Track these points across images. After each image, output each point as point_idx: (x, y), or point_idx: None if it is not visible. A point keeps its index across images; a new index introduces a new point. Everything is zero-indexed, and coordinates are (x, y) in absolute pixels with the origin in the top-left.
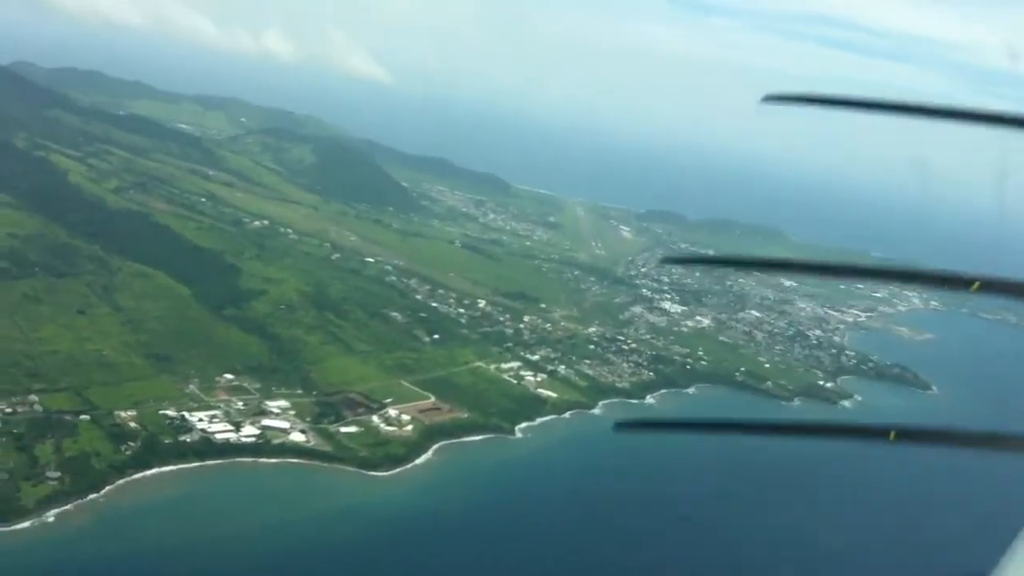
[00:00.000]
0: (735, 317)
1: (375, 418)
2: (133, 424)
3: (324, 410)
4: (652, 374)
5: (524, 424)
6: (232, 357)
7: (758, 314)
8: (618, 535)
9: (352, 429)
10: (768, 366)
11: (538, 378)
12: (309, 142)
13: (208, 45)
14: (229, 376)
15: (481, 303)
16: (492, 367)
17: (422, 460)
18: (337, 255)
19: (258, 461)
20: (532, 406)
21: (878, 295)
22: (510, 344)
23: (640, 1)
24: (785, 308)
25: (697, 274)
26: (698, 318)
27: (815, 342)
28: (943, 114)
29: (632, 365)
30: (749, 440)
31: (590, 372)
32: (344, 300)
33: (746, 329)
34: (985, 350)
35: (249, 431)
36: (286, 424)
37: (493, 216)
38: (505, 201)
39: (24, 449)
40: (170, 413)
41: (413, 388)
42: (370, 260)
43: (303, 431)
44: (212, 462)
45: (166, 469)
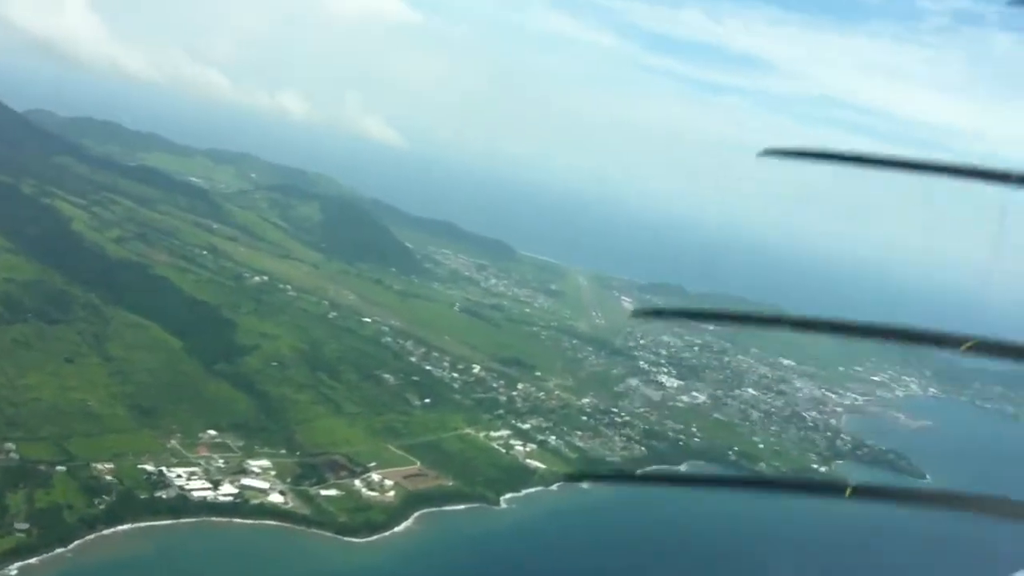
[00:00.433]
0: (731, 394)
1: (357, 482)
2: (110, 477)
3: (306, 471)
4: (644, 449)
5: (510, 495)
6: (218, 413)
7: (755, 392)
8: None
9: (333, 492)
10: (762, 446)
11: (528, 448)
12: (317, 200)
13: (223, 101)
14: (213, 432)
15: (476, 368)
16: (482, 434)
17: (402, 528)
18: (334, 313)
19: (233, 521)
20: (519, 476)
21: (876, 379)
22: (502, 412)
23: (651, 78)
24: (783, 387)
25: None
26: (694, 393)
27: (811, 424)
28: (941, 170)
29: (624, 439)
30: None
31: (581, 444)
32: (337, 359)
33: (742, 407)
34: (982, 440)
35: (227, 490)
36: (266, 484)
37: (495, 281)
38: (508, 266)
39: None
40: (148, 468)
41: (399, 453)
42: (367, 320)
43: (282, 492)
44: (186, 520)
45: (138, 525)
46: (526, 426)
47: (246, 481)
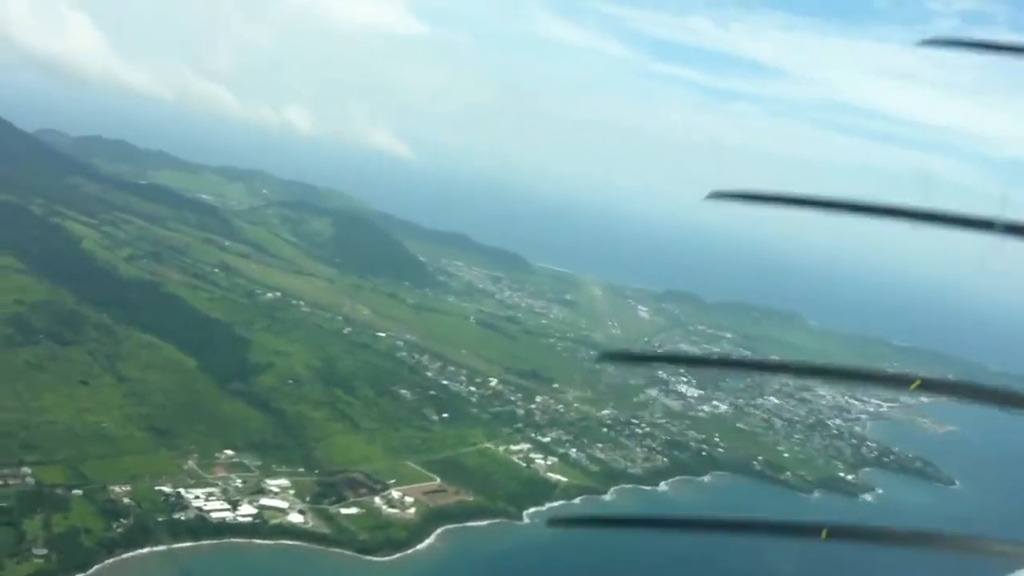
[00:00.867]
0: (753, 403)
1: (377, 499)
2: (127, 500)
3: (325, 490)
4: (666, 460)
5: (532, 509)
6: (234, 432)
7: (777, 400)
8: None
9: (353, 511)
10: (787, 455)
11: (548, 461)
12: (329, 215)
13: (229, 117)
14: (229, 452)
15: (493, 382)
16: (501, 448)
17: (424, 545)
18: (349, 329)
19: (253, 542)
20: (541, 490)
21: None
22: (521, 425)
23: (658, 86)
24: (805, 395)
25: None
26: (715, 403)
27: (836, 432)
28: (920, 217)
29: (646, 450)
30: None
31: (602, 456)
32: (353, 375)
33: (764, 416)
34: (1008, 444)
35: (246, 510)
36: (284, 504)
37: (510, 293)
38: (522, 278)
39: (12, 524)
40: (166, 489)
41: (419, 469)
42: (382, 335)
43: (302, 511)
44: (206, 542)
45: (157, 549)
46: (546, 439)
47: (265, 501)
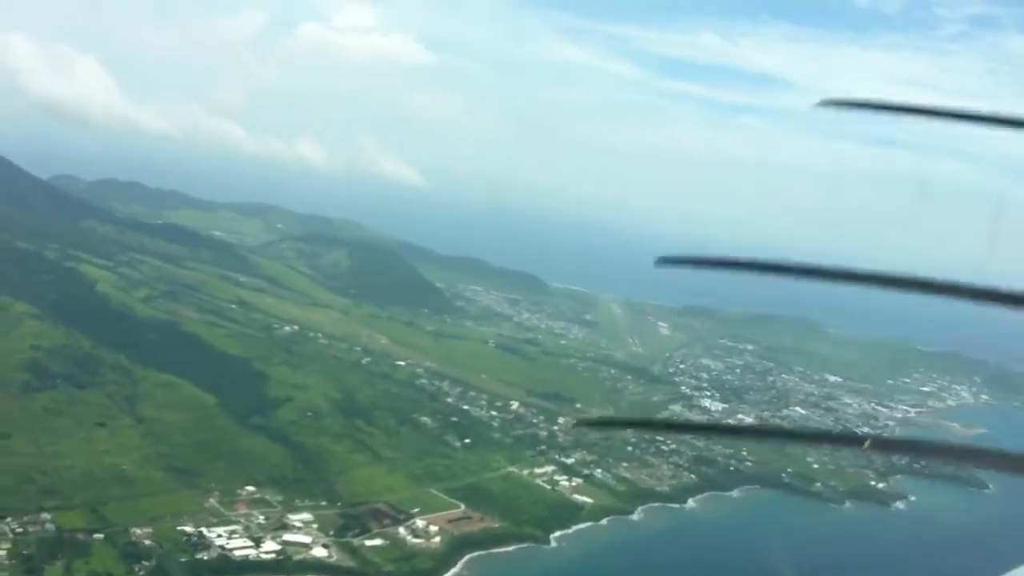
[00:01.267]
0: (779, 414)
1: (402, 529)
2: (148, 542)
3: (348, 522)
4: (694, 476)
5: (559, 532)
6: (255, 468)
7: (803, 411)
8: None
9: (377, 542)
10: (816, 466)
11: (573, 483)
12: (344, 246)
13: (241, 152)
14: (251, 488)
15: (514, 405)
16: (525, 472)
17: (450, 574)
18: (367, 359)
19: None
20: (567, 513)
21: (926, 389)
22: (544, 447)
23: (668, 104)
24: (831, 404)
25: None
26: (740, 416)
27: None
28: (944, 290)
29: (672, 467)
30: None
31: (628, 475)
32: (373, 406)
33: (791, 427)
34: None
35: (269, 547)
36: (308, 539)
37: (528, 315)
38: (540, 299)
39: (33, 571)
40: (188, 529)
41: (442, 496)
42: (401, 363)
43: (326, 545)
44: None
45: None
46: (570, 460)
47: (288, 536)
